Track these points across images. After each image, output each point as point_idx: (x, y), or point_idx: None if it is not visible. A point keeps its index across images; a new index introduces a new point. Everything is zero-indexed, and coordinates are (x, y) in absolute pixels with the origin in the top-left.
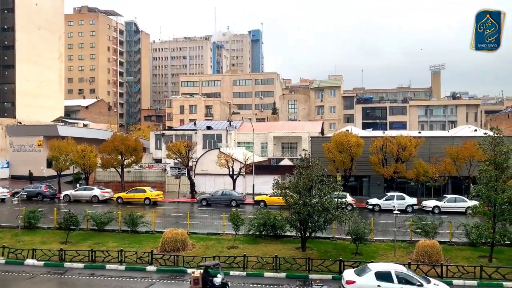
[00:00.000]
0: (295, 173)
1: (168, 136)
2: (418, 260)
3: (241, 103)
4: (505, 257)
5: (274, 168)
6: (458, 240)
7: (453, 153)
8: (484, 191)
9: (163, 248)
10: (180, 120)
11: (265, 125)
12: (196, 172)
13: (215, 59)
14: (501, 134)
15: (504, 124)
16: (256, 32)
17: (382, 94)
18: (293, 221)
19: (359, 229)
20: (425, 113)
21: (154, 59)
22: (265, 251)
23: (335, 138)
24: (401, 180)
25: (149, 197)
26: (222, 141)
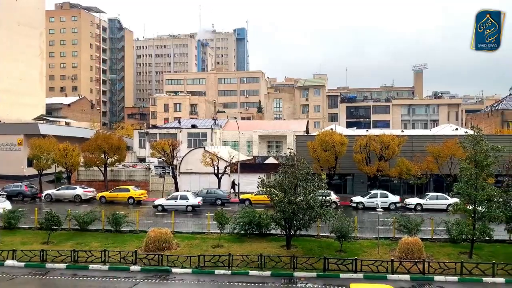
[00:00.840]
0: (280, 171)
1: (152, 135)
2: (401, 257)
3: (226, 101)
4: (484, 253)
5: (259, 167)
6: (439, 237)
7: (435, 151)
8: (465, 189)
9: (147, 248)
10: (164, 119)
11: (251, 123)
12: (181, 171)
13: (199, 57)
14: (481, 133)
15: (484, 123)
16: (241, 30)
17: (366, 93)
18: (278, 219)
19: (343, 227)
20: (408, 112)
21: (138, 56)
22: (250, 250)
23: (320, 136)
24: (384, 178)
25: (133, 196)
26: (207, 140)
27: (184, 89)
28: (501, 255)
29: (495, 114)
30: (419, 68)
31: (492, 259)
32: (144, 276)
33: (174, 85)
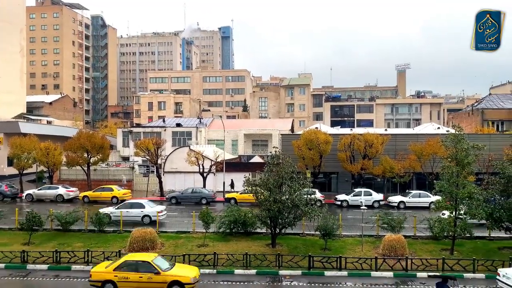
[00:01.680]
0: (265, 170)
1: (136, 134)
2: (384, 254)
3: (211, 100)
4: (465, 249)
5: (245, 165)
6: (422, 234)
7: (418, 150)
8: (446, 187)
9: (132, 248)
10: (148, 117)
11: (236, 122)
12: (166, 170)
13: (184, 55)
14: (462, 132)
15: (465, 122)
16: (226, 29)
17: (350, 93)
18: (264, 218)
19: (327, 225)
20: (391, 111)
21: (121, 54)
22: (236, 248)
23: (305, 135)
24: (368, 176)
25: (116, 196)
26: (192, 139)
27: (169, 88)
28: (481, 251)
29: (476, 113)
30: (402, 67)
31: (473, 255)
32: None
33: (158, 83)
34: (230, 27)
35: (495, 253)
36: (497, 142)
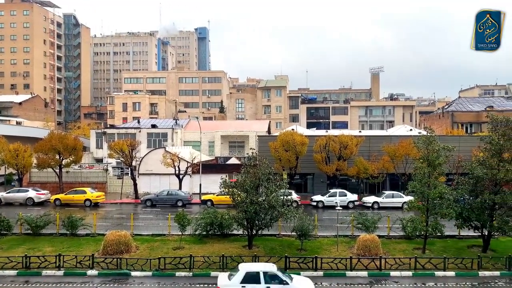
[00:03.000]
0: (242, 171)
1: (110, 135)
2: (359, 254)
3: (187, 101)
4: (436, 248)
5: (222, 167)
6: (395, 233)
7: (391, 151)
8: (419, 187)
9: (106, 251)
10: (123, 118)
11: (213, 123)
12: (140, 172)
13: (160, 56)
14: (433, 134)
15: (436, 124)
16: (202, 29)
17: (325, 95)
18: (240, 220)
19: (303, 225)
20: (365, 113)
21: (95, 54)
22: (212, 251)
23: (281, 137)
24: (343, 177)
25: (89, 199)
26: (168, 140)
27: (144, 88)
28: (452, 249)
29: (446, 115)
30: (376, 70)
31: (444, 253)
32: (102, 281)
33: (133, 83)
34: (206, 28)
35: (464, 251)
36: (466, 144)
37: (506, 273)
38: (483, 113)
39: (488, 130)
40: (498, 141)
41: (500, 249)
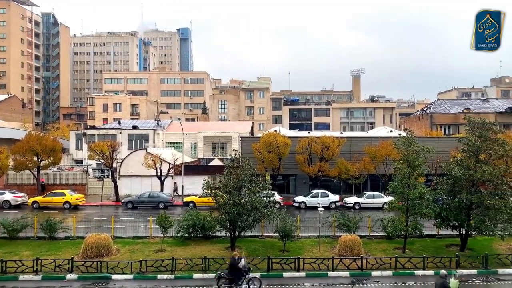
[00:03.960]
0: (225, 173)
1: (90, 136)
2: (341, 254)
3: (169, 102)
4: (416, 247)
5: (204, 169)
6: (376, 233)
7: (372, 152)
8: (399, 188)
9: (85, 254)
10: (103, 119)
11: (195, 125)
12: (121, 173)
13: (141, 56)
14: (413, 135)
15: (415, 125)
16: (185, 30)
17: (307, 97)
18: (223, 221)
19: (286, 226)
20: (347, 115)
21: (75, 54)
22: (194, 253)
23: (264, 138)
24: (325, 178)
25: (69, 201)
26: (149, 141)
27: (125, 89)
28: (431, 248)
29: (425, 117)
30: (357, 72)
31: (423, 253)
32: (82, 285)
33: (114, 84)
34: (188, 28)
35: (443, 250)
36: (444, 145)
37: (483, 271)
38: (460, 115)
39: (465, 132)
40: (475, 142)
41: (477, 248)
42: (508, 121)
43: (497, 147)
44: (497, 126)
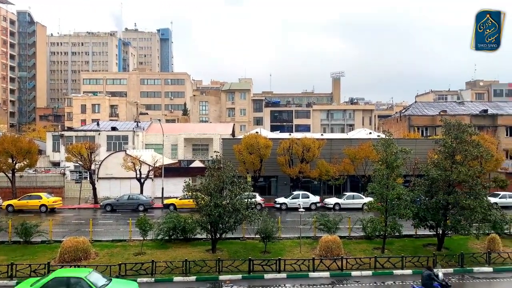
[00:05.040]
0: (206, 175)
1: (68, 137)
2: (321, 255)
3: (149, 103)
4: (395, 247)
5: (185, 170)
6: (356, 234)
7: (351, 154)
8: (378, 188)
9: (62, 259)
10: (81, 120)
11: (176, 126)
12: (100, 176)
13: (121, 57)
14: (391, 137)
15: (394, 127)
16: (165, 31)
17: (288, 98)
18: (204, 223)
19: (267, 228)
20: (327, 116)
21: (52, 53)
22: (175, 256)
23: (246, 140)
24: (306, 180)
25: (45, 204)
26: (128, 143)
27: (104, 90)
28: (409, 248)
29: (403, 119)
30: (337, 75)
31: (402, 253)
32: None
33: (92, 85)
34: (169, 29)
35: (420, 249)
36: (422, 146)
37: (459, 270)
38: (437, 117)
39: (442, 134)
40: (451, 144)
41: (453, 247)
42: (482, 123)
43: (472, 149)
44: (472, 128)
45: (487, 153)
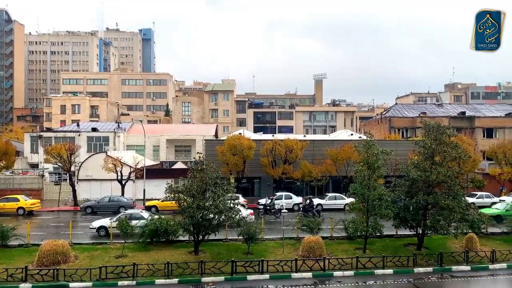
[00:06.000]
0: (189, 176)
1: (47, 138)
2: (304, 256)
3: (131, 103)
4: (376, 247)
5: (167, 172)
6: (338, 234)
7: (333, 155)
8: (359, 189)
9: (41, 262)
10: (61, 121)
11: (158, 127)
12: (80, 177)
13: (102, 56)
14: (372, 138)
15: (375, 129)
16: (147, 31)
17: (271, 100)
18: (187, 225)
19: (250, 229)
20: (309, 118)
21: (30, 53)
22: (157, 258)
23: (229, 141)
24: (289, 181)
25: (23, 207)
26: (109, 144)
27: (84, 90)
28: (390, 248)
29: (384, 121)
30: (319, 77)
31: (383, 252)
32: None
33: (72, 85)
34: (151, 29)
35: (401, 249)
36: (402, 148)
37: (438, 269)
38: (417, 119)
39: (421, 135)
40: (431, 145)
41: (432, 246)
42: (460, 125)
43: (451, 150)
44: (450, 130)
45: (465, 154)
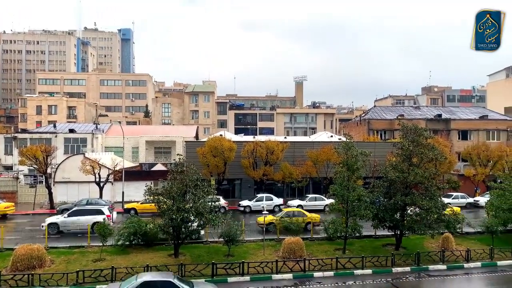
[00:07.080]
0: (169, 178)
1: (22, 140)
2: (284, 257)
3: (109, 104)
4: (355, 248)
5: (146, 174)
6: (318, 235)
7: (313, 156)
8: (339, 190)
9: (15, 267)
10: (36, 122)
11: (137, 128)
12: (57, 180)
13: (79, 56)
14: (352, 140)
15: (354, 130)
16: (126, 31)
17: (252, 101)
18: (166, 228)
19: (231, 231)
20: (290, 120)
21: (4, 51)
22: (136, 261)
23: (209, 142)
24: (270, 182)
25: None
26: (87, 146)
27: (61, 90)
28: (369, 248)
29: (363, 123)
30: (299, 79)
31: (362, 253)
32: None
33: (49, 85)
34: (130, 29)
35: (380, 249)
36: (381, 149)
37: (415, 268)
38: (395, 121)
39: (399, 137)
40: (408, 147)
41: (410, 246)
42: (436, 127)
43: (428, 151)
44: (427, 132)
45: (441, 156)
